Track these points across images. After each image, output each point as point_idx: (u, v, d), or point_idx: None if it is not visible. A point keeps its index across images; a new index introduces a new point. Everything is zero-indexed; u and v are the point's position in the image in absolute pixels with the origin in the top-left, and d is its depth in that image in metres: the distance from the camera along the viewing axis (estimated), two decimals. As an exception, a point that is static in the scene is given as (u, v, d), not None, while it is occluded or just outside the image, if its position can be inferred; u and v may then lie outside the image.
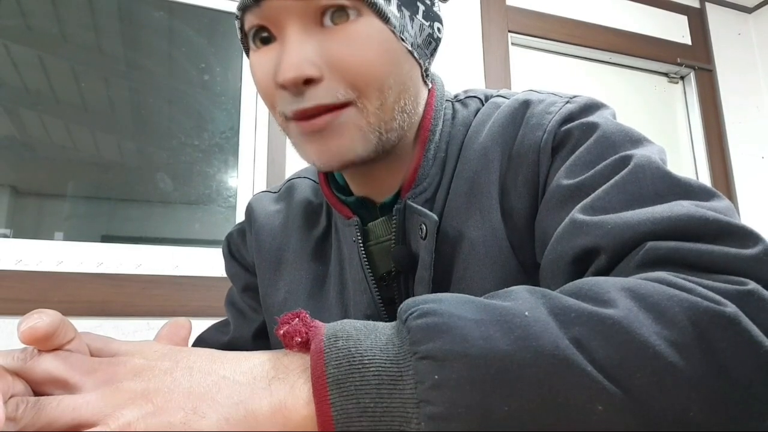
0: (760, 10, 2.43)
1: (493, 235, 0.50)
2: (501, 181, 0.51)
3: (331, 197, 0.58)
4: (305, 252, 0.62)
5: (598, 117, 0.49)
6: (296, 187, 0.68)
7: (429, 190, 0.54)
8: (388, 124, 0.50)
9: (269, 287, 0.64)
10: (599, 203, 0.42)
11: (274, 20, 0.47)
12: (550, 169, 0.49)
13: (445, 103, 0.57)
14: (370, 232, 0.56)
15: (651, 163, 0.43)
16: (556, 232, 0.44)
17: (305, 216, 0.64)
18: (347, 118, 0.48)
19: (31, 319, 0.31)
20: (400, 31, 0.49)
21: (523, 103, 0.53)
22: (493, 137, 0.53)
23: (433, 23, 0.53)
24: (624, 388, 0.28)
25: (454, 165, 0.54)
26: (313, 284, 0.61)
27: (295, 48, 0.46)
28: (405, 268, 0.54)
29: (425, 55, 0.53)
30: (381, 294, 0.55)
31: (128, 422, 0.29)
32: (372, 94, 0.48)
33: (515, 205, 0.50)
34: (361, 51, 0.47)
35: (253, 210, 0.69)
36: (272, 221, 0.66)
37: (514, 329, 0.30)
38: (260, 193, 0.72)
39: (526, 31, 2.02)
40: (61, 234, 1.56)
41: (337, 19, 0.47)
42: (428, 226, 0.50)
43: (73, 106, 1.67)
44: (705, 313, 0.30)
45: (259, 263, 0.66)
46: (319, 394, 0.30)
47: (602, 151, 0.46)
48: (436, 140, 0.55)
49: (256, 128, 1.67)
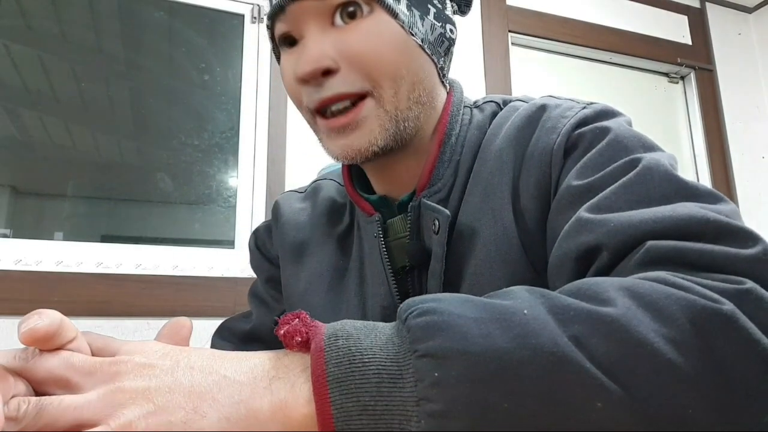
0: (761, 10, 2.43)
1: (504, 234, 0.51)
2: (514, 182, 0.53)
3: (354, 195, 0.61)
4: (328, 246, 0.65)
5: (613, 122, 0.50)
6: (322, 188, 0.71)
7: (443, 191, 0.56)
8: (404, 113, 0.53)
9: (291, 277, 0.67)
10: (605, 202, 0.42)
11: (294, 23, 0.52)
12: (561, 171, 0.50)
13: (464, 108, 0.60)
14: (390, 228, 0.58)
15: (660, 165, 0.43)
16: (563, 230, 0.44)
17: (329, 213, 0.68)
18: (367, 112, 0.51)
19: (31, 319, 0.31)
20: (409, 26, 0.52)
21: (540, 107, 0.55)
22: (509, 139, 0.54)
23: (445, 24, 0.56)
24: (623, 386, 0.28)
25: (468, 167, 0.56)
26: (333, 277, 0.64)
27: (312, 44, 0.51)
28: (418, 262, 0.56)
29: (438, 53, 0.56)
30: (398, 287, 0.57)
31: (129, 422, 0.29)
32: (386, 83, 0.51)
33: (527, 206, 0.51)
34: (373, 44, 0.51)
35: (280, 206, 0.72)
36: (298, 217, 0.70)
37: (513, 327, 0.30)
38: (287, 192, 0.75)
39: (527, 30, 2.02)
40: (61, 234, 1.56)
41: (349, 18, 0.51)
42: (441, 221, 0.52)
43: (73, 106, 1.67)
44: (703, 311, 0.30)
45: (283, 255, 0.69)
46: (319, 392, 0.30)
47: (614, 153, 0.47)
48: (452, 143, 0.57)
49: (256, 128, 1.67)
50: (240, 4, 1.75)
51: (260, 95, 1.69)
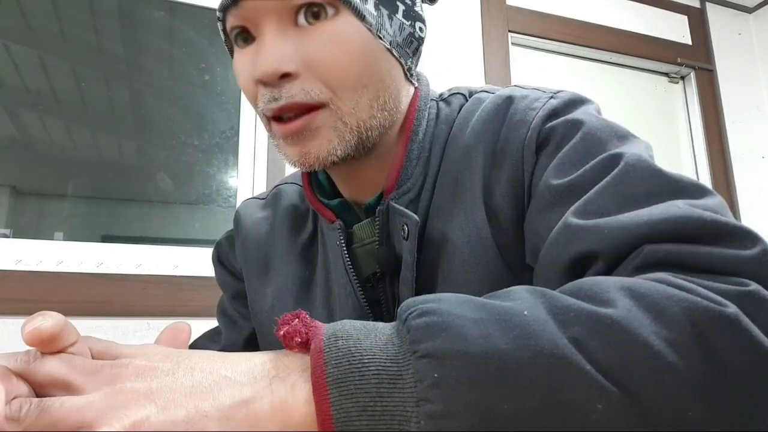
0: (761, 10, 2.43)
1: (477, 235, 0.50)
2: (485, 180, 0.51)
3: (314, 201, 0.58)
4: (291, 257, 0.62)
5: (583, 113, 0.49)
6: (283, 193, 0.68)
7: (413, 191, 0.53)
8: (367, 123, 0.50)
9: (257, 294, 0.64)
10: (592, 206, 0.41)
11: (251, 20, 0.49)
12: (535, 167, 0.48)
13: (430, 102, 0.57)
14: (355, 234, 0.56)
15: (641, 161, 0.42)
16: (550, 236, 0.43)
17: (291, 221, 0.64)
18: (321, 121, 0.48)
19: (36, 320, 0.31)
20: (377, 29, 0.50)
21: (506, 99, 0.53)
22: (477, 135, 0.52)
23: (414, 23, 0.53)
24: (623, 387, 0.28)
25: (438, 164, 0.54)
26: (300, 289, 0.61)
27: (272, 45, 0.47)
28: (389, 269, 0.53)
29: (406, 54, 0.53)
30: (367, 296, 0.54)
31: (131, 422, 0.29)
32: (345, 95, 0.48)
33: (500, 204, 0.50)
34: (336, 50, 0.48)
35: (240, 217, 0.69)
36: (259, 228, 0.66)
37: (513, 328, 0.30)
38: (248, 200, 0.72)
39: (527, 30, 2.02)
40: (61, 234, 1.56)
41: (313, 19, 0.48)
42: (410, 227, 0.50)
43: (73, 106, 1.67)
44: (704, 313, 0.30)
45: (247, 270, 0.66)
46: (319, 393, 0.30)
47: (589, 148, 0.45)
48: (419, 140, 0.54)
49: (256, 128, 1.67)
50: (240, 4, 1.74)
51: (260, 95, 1.69)
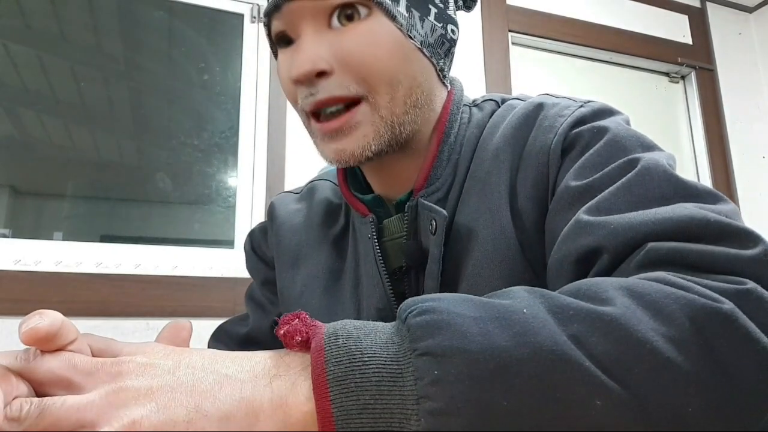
0: (761, 10, 2.43)
1: (502, 234, 0.51)
2: (511, 182, 0.52)
3: (348, 196, 0.60)
4: (323, 248, 0.65)
5: (610, 122, 0.50)
6: (317, 188, 0.71)
7: (442, 190, 0.55)
8: (400, 118, 0.52)
9: (287, 281, 0.67)
10: (605, 204, 0.42)
11: (290, 23, 0.52)
12: (559, 171, 0.49)
13: (463, 107, 0.59)
14: (385, 228, 0.58)
15: (658, 166, 0.43)
16: (563, 232, 0.44)
17: (325, 215, 0.67)
18: (361, 116, 0.51)
19: (32, 319, 0.31)
20: (407, 29, 0.52)
21: (537, 105, 0.55)
22: (506, 138, 0.54)
23: (446, 25, 0.55)
24: (622, 384, 0.28)
25: (467, 166, 0.56)
26: (329, 279, 0.63)
27: (307, 45, 0.50)
28: (415, 262, 0.55)
29: (438, 55, 0.55)
30: (393, 288, 0.56)
31: (132, 421, 0.29)
32: (381, 89, 0.51)
33: (524, 206, 0.51)
34: (369, 48, 0.50)
35: (275, 208, 0.72)
36: (293, 218, 0.69)
37: (513, 326, 0.30)
38: (282, 194, 0.75)
39: (527, 30, 2.02)
40: (60, 234, 1.56)
41: (346, 20, 0.50)
42: (438, 222, 0.52)
43: (72, 106, 1.67)
44: (702, 310, 0.30)
45: (279, 258, 0.69)
46: (319, 391, 0.30)
47: (612, 153, 0.46)
48: (450, 142, 0.57)
49: (255, 128, 1.67)
50: (239, 3, 1.74)
51: (260, 95, 1.69)
